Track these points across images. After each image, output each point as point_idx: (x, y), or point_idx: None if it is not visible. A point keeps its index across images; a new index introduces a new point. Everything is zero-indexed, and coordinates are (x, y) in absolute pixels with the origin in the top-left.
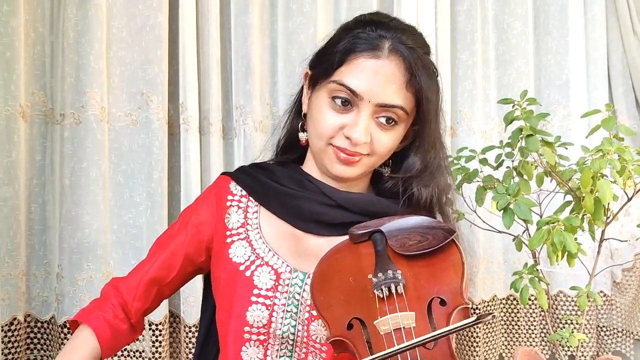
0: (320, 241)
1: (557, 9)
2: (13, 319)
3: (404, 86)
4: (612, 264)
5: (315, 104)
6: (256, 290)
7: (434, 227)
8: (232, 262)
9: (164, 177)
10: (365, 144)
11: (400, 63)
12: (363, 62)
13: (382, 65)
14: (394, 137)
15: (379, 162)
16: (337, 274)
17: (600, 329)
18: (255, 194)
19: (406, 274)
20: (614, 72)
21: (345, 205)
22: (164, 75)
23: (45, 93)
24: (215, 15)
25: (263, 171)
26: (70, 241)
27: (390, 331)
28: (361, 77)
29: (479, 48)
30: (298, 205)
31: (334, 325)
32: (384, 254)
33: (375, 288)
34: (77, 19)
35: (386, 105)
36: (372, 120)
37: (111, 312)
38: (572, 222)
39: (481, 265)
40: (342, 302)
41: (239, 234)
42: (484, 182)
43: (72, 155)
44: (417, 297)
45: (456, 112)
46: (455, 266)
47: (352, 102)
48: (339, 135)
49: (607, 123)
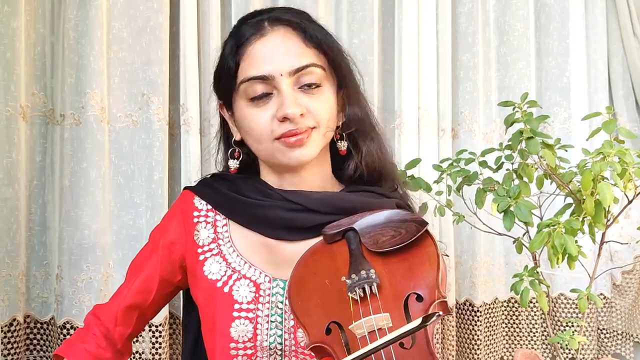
0: (295, 246)
1: (558, 11)
2: (13, 319)
3: (303, 44)
4: (612, 266)
5: (241, 117)
6: (237, 305)
7: (406, 219)
8: (208, 280)
9: (164, 178)
10: (303, 116)
11: (286, 28)
12: (254, 47)
13: (271, 38)
14: (325, 99)
15: (327, 132)
16: (313, 276)
17: (601, 331)
18: (221, 207)
19: (381, 272)
20: (614, 74)
21: (312, 207)
22: (164, 76)
23: (45, 94)
24: (216, 16)
25: (225, 183)
26: (70, 242)
27: (365, 334)
28: (260, 60)
29: (480, 50)
30: (265, 214)
31: (312, 332)
32: (357, 253)
33: (350, 290)
34: (77, 19)
35: (298, 69)
36: (297, 92)
37: (93, 343)
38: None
39: (482, 267)
40: (319, 306)
41: (211, 249)
42: (484, 185)
43: (72, 156)
44: (393, 295)
45: (457, 114)
46: (430, 259)
47: (268, 90)
48: (274, 124)
49: (608, 126)
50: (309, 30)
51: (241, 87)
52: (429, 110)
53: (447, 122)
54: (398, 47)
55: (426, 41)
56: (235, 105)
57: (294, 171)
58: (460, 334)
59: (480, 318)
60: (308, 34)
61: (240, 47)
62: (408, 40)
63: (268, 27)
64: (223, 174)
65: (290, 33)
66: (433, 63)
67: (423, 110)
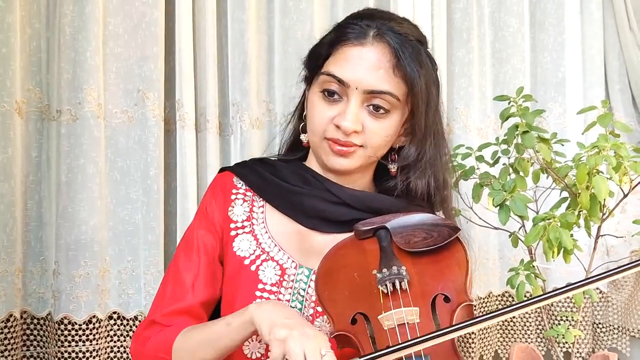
0: (326, 238)
1: (553, 6)
2: (9, 315)
3: (391, 71)
4: (607, 260)
5: (310, 100)
6: (261, 285)
7: (439, 224)
8: (237, 256)
9: (160, 174)
10: (356, 134)
11: (386, 47)
12: (348, 51)
13: (367, 52)
14: (386, 126)
15: (375, 155)
16: (341, 269)
17: (596, 325)
18: (258, 189)
19: (410, 270)
20: (610, 69)
21: (349, 202)
22: (160, 72)
23: (41, 89)
24: (212, 11)
25: (265, 166)
26: (66, 238)
27: (394, 326)
28: (347, 65)
29: (475, 45)
30: (301, 201)
31: (338, 320)
32: (388, 250)
33: (380, 283)
34: (73, 15)
35: (374, 91)
36: (363, 109)
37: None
38: (568, 218)
39: (477, 262)
40: (346, 297)
41: (243, 227)
42: (481, 179)
43: (68, 152)
44: (422, 293)
45: (452, 109)
46: (459, 264)
47: (340, 93)
48: (330, 126)
49: (603, 119)
50: (403, 58)
51: (321, 76)
52: None
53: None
54: None
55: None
56: (312, 88)
57: (332, 172)
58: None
59: (475, 312)
60: (401, 62)
61: (338, 43)
62: None
63: (370, 38)
64: (264, 159)
65: (385, 55)
66: None
67: None
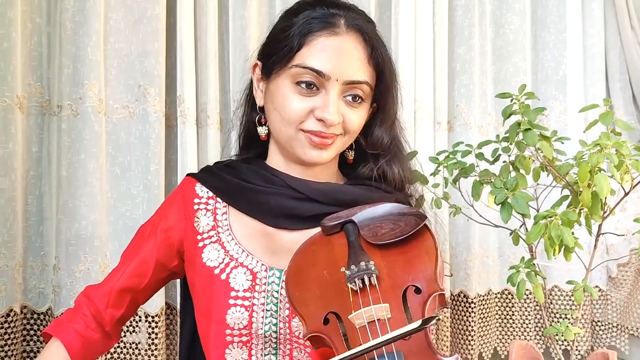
0: (294, 235)
1: (555, 4)
2: (10, 310)
3: (365, 61)
4: (607, 258)
5: (276, 92)
6: (233, 293)
7: (405, 213)
8: (206, 267)
9: (160, 170)
10: (339, 124)
11: (359, 38)
12: (323, 41)
13: (343, 42)
14: (362, 114)
15: (349, 142)
16: (311, 267)
17: (595, 323)
18: (222, 193)
19: (379, 264)
20: (611, 68)
21: (314, 197)
22: (161, 68)
23: (42, 84)
24: (213, 7)
25: (228, 169)
26: (67, 233)
27: (364, 324)
28: (324, 56)
29: (476, 42)
30: (266, 201)
31: (310, 321)
32: (356, 245)
33: (349, 281)
34: (74, 10)
35: (353, 82)
36: (341, 100)
37: (82, 323)
38: (569, 216)
39: (476, 259)
40: (317, 297)
41: (210, 237)
42: (481, 177)
43: (69, 147)
44: (392, 286)
45: (453, 106)
46: (428, 252)
47: (317, 84)
48: (309, 118)
49: (605, 117)
50: (376, 47)
51: (293, 69)
52: (425, 103)
53: (443, 115)
54: (394, 40)
55: (423, 34)
56: (276, 79)
57: (302, 164)
58: (455, 325)
59: (474, 309)
60: (374, 50)
61: (310, 33)
62: (404, 33)
63: (343, 27)
64: (226, 161)
65: (361, 44)
66: (429, 56)
67: (419, 103)
